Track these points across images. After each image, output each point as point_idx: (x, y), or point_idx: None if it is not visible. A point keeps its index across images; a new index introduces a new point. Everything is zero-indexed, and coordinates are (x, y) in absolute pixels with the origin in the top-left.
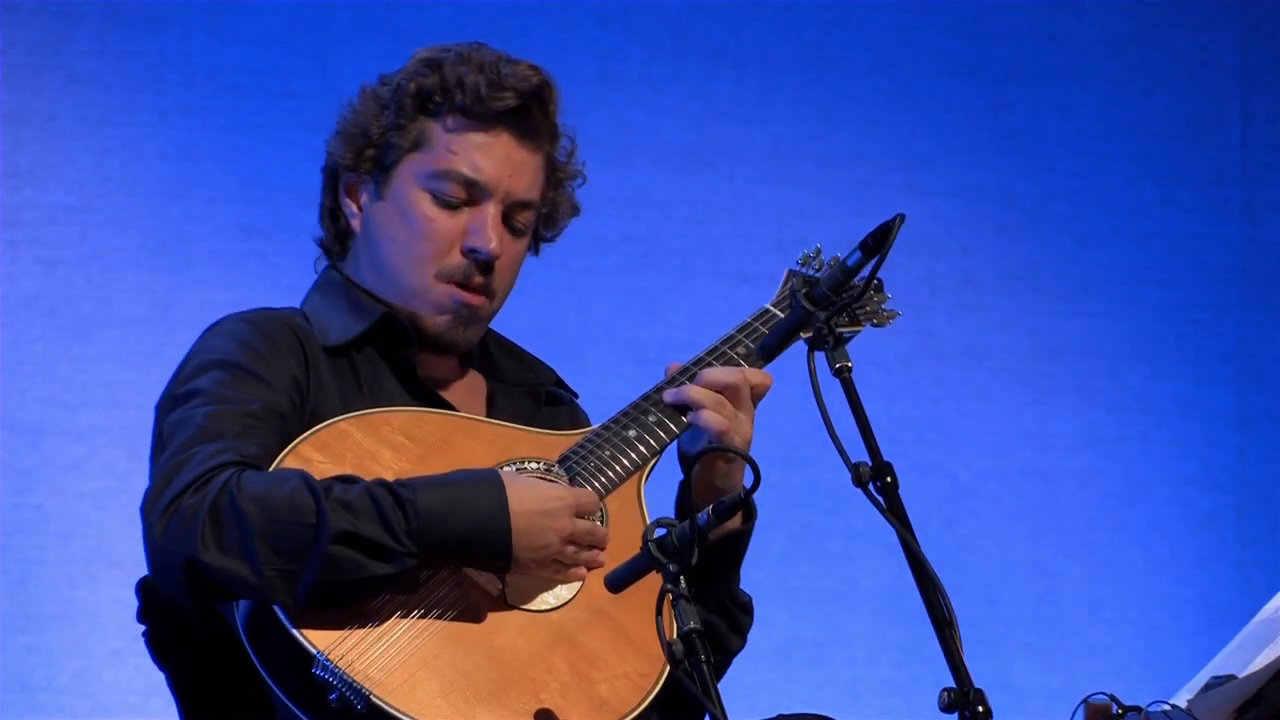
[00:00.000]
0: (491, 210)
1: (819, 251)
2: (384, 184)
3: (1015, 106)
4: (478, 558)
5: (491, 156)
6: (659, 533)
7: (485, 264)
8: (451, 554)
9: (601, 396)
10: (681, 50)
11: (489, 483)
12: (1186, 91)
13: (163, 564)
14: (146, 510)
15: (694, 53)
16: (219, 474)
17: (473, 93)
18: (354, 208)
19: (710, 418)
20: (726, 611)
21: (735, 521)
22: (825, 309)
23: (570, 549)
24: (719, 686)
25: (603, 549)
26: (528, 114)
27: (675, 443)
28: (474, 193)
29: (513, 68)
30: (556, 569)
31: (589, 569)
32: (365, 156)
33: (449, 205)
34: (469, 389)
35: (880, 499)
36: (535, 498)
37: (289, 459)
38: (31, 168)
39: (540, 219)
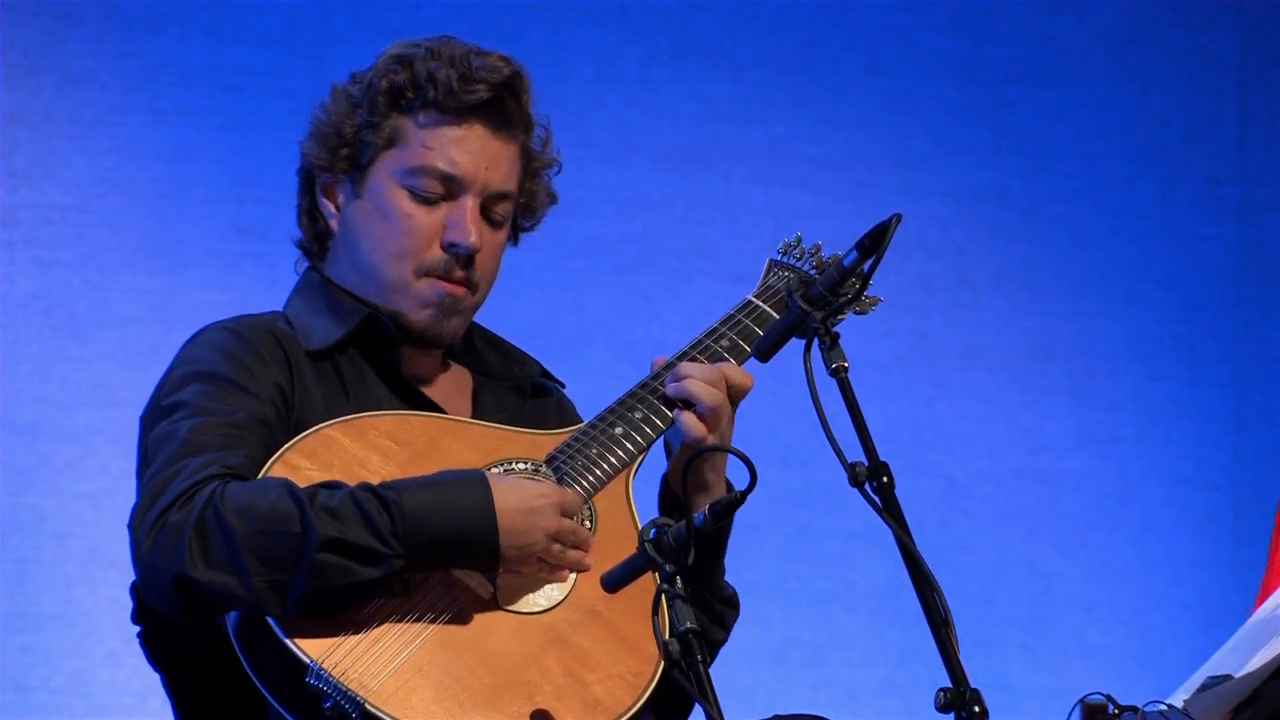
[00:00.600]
0: (469, 204)
1: (799, 240)
2: (360, 183)
3: (1013, 107)
4: (465, 558)
5: (467, 150)
6: (654, 533)
7: (466, 258)
8: (439, 555)
9: (598, 397)
10: (679, 51)
11: (474, 482)
12: (1184, 92)
13: (152, 581)
14: (134, 527)
15: (691, 53)
16: (203, 488)
17: (444, 87)
18: (331, 208)
19: (689, 420)
20: (706, 604)
21: None
22: (821, 309)
23: (556, 547)
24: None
25: (586, 550)
26: (500, 105)
27: (661, 438)
28: (451, 187)
29: (483, 59)
30: (541, 568)
31: (572, 569)
32: (340, 156)
33: (426, 201)
34: (454, 385)
35: (876, 499)
36: (520, 496)
37: (276, 467)
38: (28, 168)
39: (518, 209)
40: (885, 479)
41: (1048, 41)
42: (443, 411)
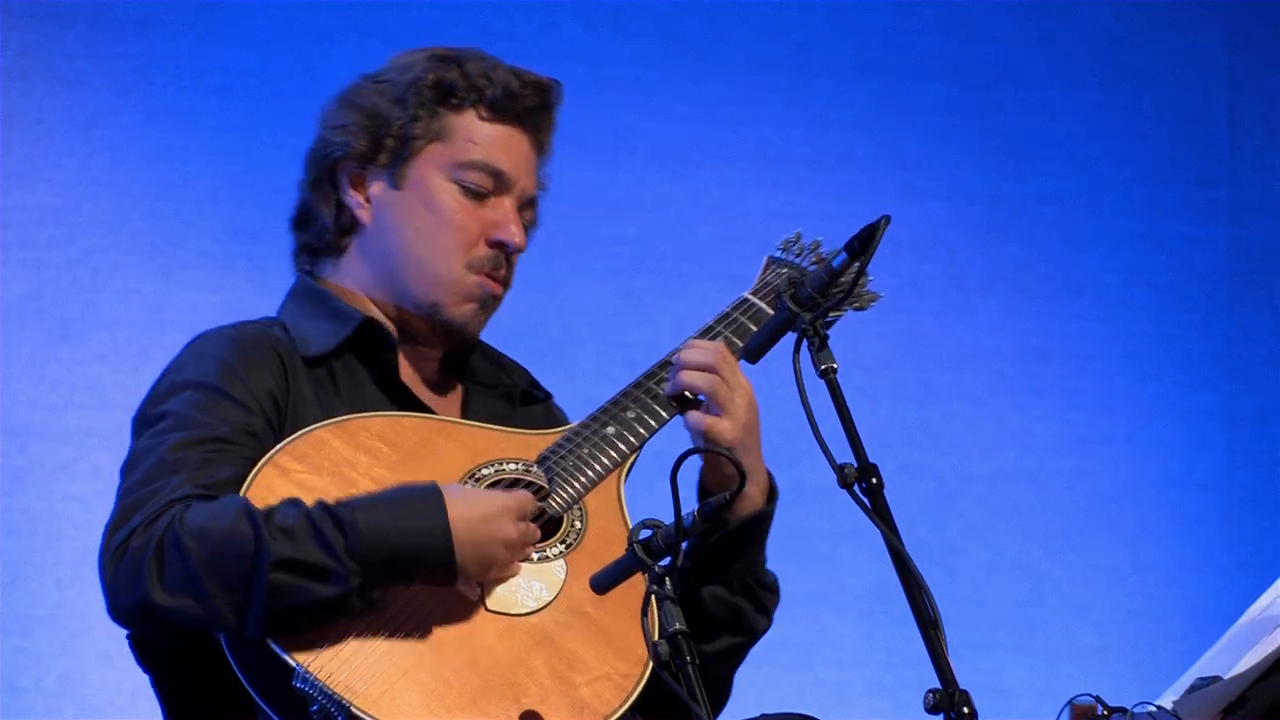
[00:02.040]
0: (510, 203)
1: (799, 237)
2: (400, 175)
3: (1003, 108)
4: (423, 572)
5: (511, 152)
6: (644, 534)
7: (510, 256)
8: (396, 571)
9: (591, 399)
10: (670, 52)
11: (427, 496)
12: (1175, 93)
13: (118, 606)
14: (103, 550)
15: (682, 55)
16: (167, 512)
17: (503, 88)
18: (360, 199)
19: (693, 418)
20: (751, 592)
21: (757, 502)
22: (810, 310)
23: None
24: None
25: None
26: (541, 116)
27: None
28: (499, 184)
29: (529, 72)
30: (500, 573)
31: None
32: (385, 148)
33: (476, 196)
34: (446, 391)
35: (866, 500)
36: (475, 507)
37: (267, 469)
38: (20, 170)
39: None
40: (875, 480)
41: (1038, 43)
42: (435, 414)
